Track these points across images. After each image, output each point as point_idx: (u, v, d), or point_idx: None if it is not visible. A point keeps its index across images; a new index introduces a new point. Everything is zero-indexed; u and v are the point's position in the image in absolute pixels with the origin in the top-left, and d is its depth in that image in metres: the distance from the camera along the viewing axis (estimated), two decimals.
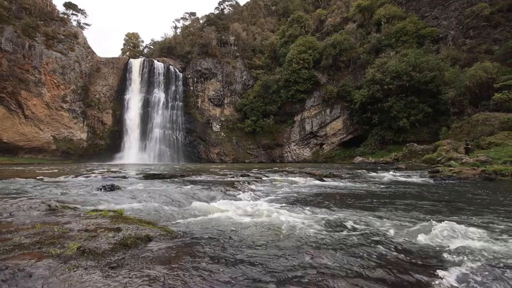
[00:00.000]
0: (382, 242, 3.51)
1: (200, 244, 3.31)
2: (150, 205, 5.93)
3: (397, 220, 4.80)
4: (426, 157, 24.24)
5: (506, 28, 34.87)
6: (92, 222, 3.62)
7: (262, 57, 60.03)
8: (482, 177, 11.80)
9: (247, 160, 52.06)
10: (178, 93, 54.91)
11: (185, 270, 2.51)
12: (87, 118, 50.61)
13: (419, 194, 8.16)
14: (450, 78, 33.57)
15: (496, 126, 24.07)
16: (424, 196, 7.86)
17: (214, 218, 4.83)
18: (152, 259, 2.69)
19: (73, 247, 2.63)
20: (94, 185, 8.75)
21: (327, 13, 60.23)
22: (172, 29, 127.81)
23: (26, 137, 45.18)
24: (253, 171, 17.13)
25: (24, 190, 7.77)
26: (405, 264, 2.86)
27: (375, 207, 6.04)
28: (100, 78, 52.82)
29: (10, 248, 2.56)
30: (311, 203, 6.67)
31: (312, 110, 49.59)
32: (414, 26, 42.32)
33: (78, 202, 5.78)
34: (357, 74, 46.60)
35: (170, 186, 8.94)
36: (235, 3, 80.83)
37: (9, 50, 42.15)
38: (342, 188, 9.79)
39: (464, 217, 4.94)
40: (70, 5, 58.05)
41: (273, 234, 3.88)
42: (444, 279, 2.50)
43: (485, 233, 3.83)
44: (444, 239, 3.59)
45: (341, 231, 4.03)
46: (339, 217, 4.93)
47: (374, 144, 40.90)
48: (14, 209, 4.32)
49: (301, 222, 4.54)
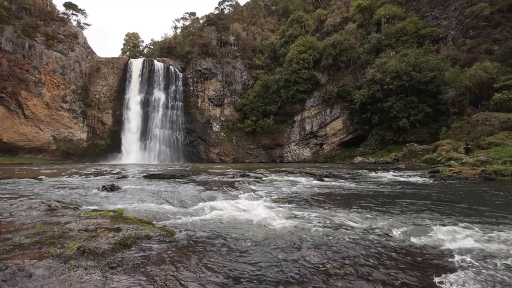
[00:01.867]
0: (381, 242, 3.51)
1: (199, 244, 3.31)
2: (150, 205, 5.94)
3: (397, 220, 4.80)
4: (426, 157, 24.23)
5: (506, 28, 34.87)
6: (92, 222, 3.63)
7: (262, 57, 60.01)
8: (482, 177, 11.79)
9: (247, 160, 52.07)
10: (178, 93, 54.89)
11: (184, 270, 2.51)
12: (87, 118, 50.59)
13: (419, 194, 8.16)
14: (450, 78, 33.57)
15: (496, 126, 24.07)
16: (424, 196, 7.86)
17: (214, 218, 4.83)
18: (152, 259, 2.69)
19: (73, 247, 2.64)
20: (94, 185, 8.75)
21: (327, 13, 60.21)
22: (172, 29, 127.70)
23: (26, 137, 45.18)
24: (253, 171, 17.13)
25: (24, 190, 7.77)
26: (404, 264, 2.86)
27: (375, 207, 6.04)
28: (100, 78, 52.80)
29: (10, 248, 2.57)
30: (311, 203, 6.67)
31: (312, 110, 49.59)
32: (414, 26, 42.29)
33: (78, 202, 5.79)
34: (357, 74, 46.58)
35: (170, 186, 8.95)
36: (235, 3, 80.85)
37: (9, 50, 42.13)
38: (342, 188, 9.79)
39: (464, 217, 4.95)
40: (70, 5, 58.00)
41: (272, 234, 3.88)
42: (443, 279, 2.50)
43: (484, 234, 3.84)
44: (443, 239, 3.59)
45: (340, 231, 4.03)
46: (338, 217, 4.94)
47: (374, 144, 40.90)
48: (14, 209, 4.32)
49: (300, 222, 4.55)
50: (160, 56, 61.65)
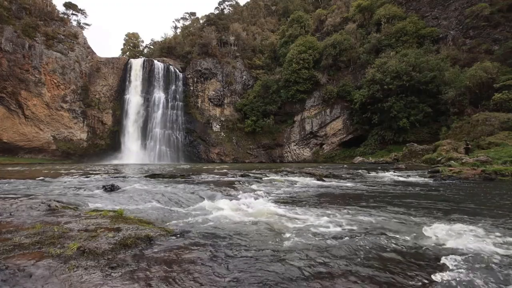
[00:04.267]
0: (381, 241, 3.51)
1: (199, 244, 3.31)
2: (150, 205, 5.94)
3: (397, 220, 4.80)
4: (426, 157, 24.22)
5: (506, 28, 34.87)
6: (92, 222, 3.63)
7: (262, 57, 60.00)
8: (482, 177, 11.80)
9: (247, 160, 52.07)
10: (178, 93, 54.90)
11: (184, 270, 2.51)
12: (87, 118, 50.59)
13: (418, 194, 8.16)
14: (450, 78, 33.56)
15: (496, 126, 24.07)
16: (424, 196, 7.86)
17: (213, 218, 4.83)
18: (152, 259, 2.69)
19: (73, 247, 2.64)
20: (94, 185, 8.75)
21: (327, 13, 60.21)
22: (172, 29, 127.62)
23: (26, 137, 45.17)
24: (253, 171, 17.13)
25: (24, 190, 7.77)
26: (403, 264, 2.86)
27: (375, 207, 6.04)
28: (100, 78, 52.79)
29: (10, 248, 2.57)
30: (311, 203, 6.67)
31: (312, 110, 49.59)
32: (414, 26, 42.29)
33: (78, 202, 5.78)
34: (357, 74, 46.58)
35: (170, 186, 8.94)
36: (235, 3, 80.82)
37: (9, 50, 42.12)
38: (342, 188, 9.78)
39: (463, 217, 4.95)
40: (70, 5, 57.98)
41: (272, 234, 3.88)
42: (442, 279, 2.50)
43: (484, 234, 3.84)
44: (442, 239, 3.59)
45: (340, 231, 4.03)
46: (338, 217, 4.94)
47: (374, 144, 40.90)
48: (14, 209, 4.32)
49: (300, 222, 4.55)
50: (160, 56, 61.65)
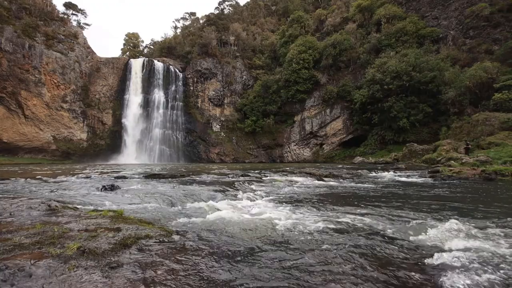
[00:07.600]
0: (380, 241, 3.51)
1: (199, 244, 3.31)
2: (150, 205, 5.94)
3: (396, 219, 4.80)
4: (426, 157, 24.22)
5: (506, 28, 34.85)
6: (92, 222, 3.63)
7: (262, 57, 59.98)
8: (482, 177, 11.80)
9: (247, 160, 52.06)
10: (178, 93, 54.91)
11: (184, 270, 2.51)
12: (87, 118, 50.59)
13: (418, 194, 8.16)
14: (450, 78, 33.54)
15: (496, 126, 24.07)
16: (424, 196, 7.85)
17: (214, 218, 4.83)
18: (152, 259, 2.69)
19: (73, 247, 2.64)
20: (94, 185, 8.75)
21: (327, 13, 60.19)
22: (172, 29, 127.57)
23: (26, 137, 45.17)
24: (253, 171, 17.13)
25: (24, 190, 7.77)
26: (403, 263, 2.86)
27: (375, 207, 6.04)
28: (100, 78, 52.79)
29: (10, 248, 2.57)
30: (311, 202, 6.67)
31: (312, 110, 49.57)
32: (414, 26, 42.28)
33: (78, 202, 5.79)
34: (357, 74, 46.56)
35: (170, 186, 8.94)
36: (235, 3, 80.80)
37: (9, 50, 42.11)
38: (342, 188, 9.78)
39: (463, 217, 4.95)
40: (70, 5, 57.99)
41: (272, 234, 3.88)
42: (442, 278, 2.50)
43: (483, 233, 3.84)
44: (442, 239, 3.59)
45: (340, 230, 4.03)
46: (338, 217, 4.94)
47: (374, 144, 40.89)
48: (14, 209, 4.32)
49: (300, 222, 4.55)
50: (160, 56, 61.66)
